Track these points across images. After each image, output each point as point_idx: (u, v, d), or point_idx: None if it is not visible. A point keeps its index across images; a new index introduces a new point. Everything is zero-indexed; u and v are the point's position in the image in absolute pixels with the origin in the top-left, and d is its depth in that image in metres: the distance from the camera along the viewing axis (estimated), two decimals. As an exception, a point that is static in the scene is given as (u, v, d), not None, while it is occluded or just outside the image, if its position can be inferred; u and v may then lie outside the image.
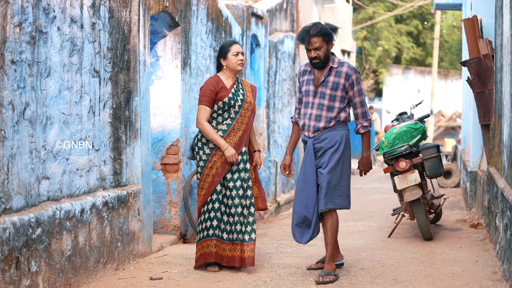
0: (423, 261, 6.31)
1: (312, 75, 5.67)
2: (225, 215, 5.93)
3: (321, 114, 5.59)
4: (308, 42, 5.53)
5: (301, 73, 5.76)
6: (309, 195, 5.57)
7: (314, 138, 5.61)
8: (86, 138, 5.48)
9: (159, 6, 6.86)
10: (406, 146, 7.30)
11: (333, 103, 5.58)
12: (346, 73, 5.58)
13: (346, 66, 5.59)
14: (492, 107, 7.67)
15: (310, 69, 5.69)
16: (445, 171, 12.30)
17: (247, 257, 5.88)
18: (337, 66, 5.59)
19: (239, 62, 5.96)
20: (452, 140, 20.06)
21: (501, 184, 6.12)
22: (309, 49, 5.55)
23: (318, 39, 5.53)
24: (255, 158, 6.12)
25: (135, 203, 6.25)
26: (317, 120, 5.59)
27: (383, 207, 9.92)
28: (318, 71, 5.65)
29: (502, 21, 6.73)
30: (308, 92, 5.66)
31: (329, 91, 5.58)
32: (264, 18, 11.33)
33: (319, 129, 5.59)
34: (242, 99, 5.99)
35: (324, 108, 5.58)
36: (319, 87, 5.60)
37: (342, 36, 19.79)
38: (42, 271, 4.72)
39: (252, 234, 5.90)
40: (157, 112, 7.55)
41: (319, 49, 5.54)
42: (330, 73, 5.60)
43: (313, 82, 5.64)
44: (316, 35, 5.53)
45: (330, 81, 5.58)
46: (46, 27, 4.87)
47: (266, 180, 11.42)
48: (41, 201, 4.84)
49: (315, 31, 5.53)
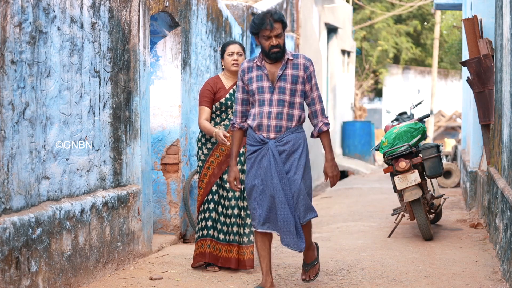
0: (423, 261, 6.31)
1: (264, 69, 4.99)
2: (222, 216, 5.93)
3: (282, 111, 4.96)
4: (271, 27, 4.84)
5: (246, 70, 5.05)
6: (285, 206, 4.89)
7: (276, 139, 4.96)
8: (86, 138, 5.48)
9: (159, 6, 6.86)
10: (406, 146, 7.30)
11: (294, 98, 4.99)
12: (304, 65, 4.99)
13: (302, 57, 5.02)
14: (492, 107, 7.67)
15: (259, 63, 5.00)
16: (445, 171, 12.30)
17: (247, 259, 5.89)
18: (293, 58, 5.00)
19: (233, 63, 5.96)
20: (452, 140, 20.07)
21: (501, 184, 6.12)
22: (270, 37, 4.87)
23: (279, 25, 4.88)
24: None
25: (135, 203, 6.25)
26: (278, 119, 4.96)
27: (383, 207, 9.92)
28: (271, 64, 5.00)
29: (502, 21, 6.73)
30: (262, 89, 4.98)
31: (289, 85, 4.96)
32: (264, 18, 11.31)
33: (281, 129, 4.97)
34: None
35: (286, 105, 4.96)
36: (277, 81, 4.96)
37: (342, 36, 19.78)
38: (42, 271, 4.72)
39: (250, 236, 5.90)
40: (157, 112, 7.55)
41: (280, 36, 4.89)
42: (287, 66, 4.98)
43: (267, 77, 4.98)
44: (277, 20, 4.88)
45: (289, 74, 4.97)
46: (46, 27, 4.87)
47: (266, 180, 11.42)
48: (41, 201, 4.84)
49: (277, 16, 4.89)
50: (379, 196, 11.44)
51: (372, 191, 12.42)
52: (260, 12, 5.42)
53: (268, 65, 5.00)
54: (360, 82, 27.84)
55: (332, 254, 6.67)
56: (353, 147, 19.97)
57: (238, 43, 6.04)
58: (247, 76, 5.04)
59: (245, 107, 5.10)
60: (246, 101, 5.10)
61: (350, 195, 12.08)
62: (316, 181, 15.84)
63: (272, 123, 4.96)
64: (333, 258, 6.49)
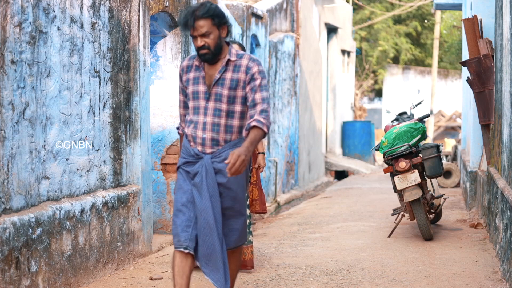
0: (423, 261, 6.31)
1: (202, 71, 4.26)
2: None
3: (219, 123, 4.19)
4: (192, 26, 4.15)
5: (185, 69, 4.33)
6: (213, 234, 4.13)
7: (213, 154, 4.20)
8: (86, 138, 5.48)
9: (159, 6, 6.86)
10: (406, 146, 7.30)
11: (233, 107, 4.20)
12: (247, 66, 4.20)
13: (246, 58, 4.23)
14: (492, 107, 7.67)
15: (198, 63, 4.27)
16: (445, 171, 12.30)
17: (248, 260, 5.89)
18: (236, 59, 4.23)
19: None
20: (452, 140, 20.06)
21: (501, 184, 6.12)
22: (195, 36, 4.16)
23: (206, 22, 4.13)
24: (258, 160, 6.08)
25: (135, 203, 6.24)
26: (214, 131, 4.19)
27: (383, 207, 9.92)
28: (210, 66, 4.25)
29: (502, 21, 6.73)
30: (197, 94, 4.23)
31: (227, 92, 4.19)
32: (264, 18, 11.32)
33: (218, 143, 4.20)
34: None
35: (223, 114, 4.19)
36: (214, 87, 4.20)
37: (342, 36, 19.78)
38: (42, 271, 4.72)
39: (250, 236, 5.89)
40: (157, 112, 7.55)
41: (207, 35, 4.14)
42: (227, 68, 4.22)
43: (204, 80, 4.24)
44: (202, 17, 4.13)
45: (228, 78, 4.20)
46: (46, 27, 4.87)
47: (266, 180, 11.42)
48: (41, 201, 4.84)
49: (201, 12, 4.14)
50: (379, 196, 11.44)
51: (372, 191, 12.41)
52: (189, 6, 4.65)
53: (208, 66, 4.26)
54: (360, 82, 27.84)
55: (332, 254, 6.67)
56: (353, 147, 19.96)
57: (237, 43, 6.02)
58: (185, 77, 4.33)
59: (187, 110, 4.39)
60: (187, 104, 4.39)
61: (350, 195, 12.08)
62: (315, 181, 15.84)
63: (207, 135, 4.20)
64: (333, 258, 6.49)
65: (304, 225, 8.73)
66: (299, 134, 14.11)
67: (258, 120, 4.13)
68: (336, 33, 19.20)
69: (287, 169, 13.17)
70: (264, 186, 11.14)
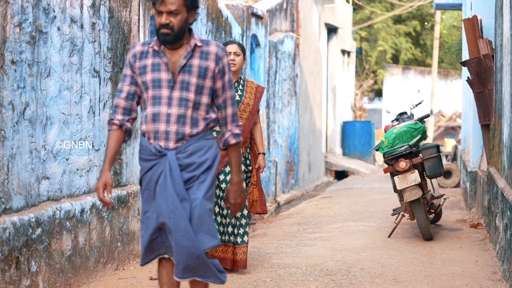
0: (423, 261, 6.31)
1: (164, 57, 3.75)
2: (218, 216, 5.92)
3: (185, 114, 3.73)
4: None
5: (138, 56, 3.79)
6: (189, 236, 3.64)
7: (177, 150, 3.73)
8: (86, 138, 5.48)
9: (159, 6, 6.86)
10: (406, 146, 7.30)
11: (201, 98, 3.76)
12: (216, 54, 3.79)
13: (214, 45, 3.81)
14: (492, 107, 7.67)
15: (157, 48, 3.76)
16: (445, 171, 12.30)
17: (239, 260, 5.87)
18: (202, 45, 3.79)
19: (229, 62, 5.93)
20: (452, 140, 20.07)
21: (501, 184, 6.12)
22: (161, 12, 3.68)
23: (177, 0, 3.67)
24: (258, 161, 6.07)
25: (135, 203, 6.25)
26: (180, 123, 3.73)
27: (383, 207, 9.92)
28: (173, 51, 3.77)
29: (502, 21, 6.73)
30: (159, 82, 3.74)
31: (195, 79, 3.74)
32: (264, 18, 11.33)
33: (184, 136, 3.73)
34: (238, 100, 5.95)
35: (189, 105, 3.73)
36: (180, 74, 3.74)
37: (342, 36, 19.79)
38: (42, 271, 4.72)
39: (244, 236, 5.89)
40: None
41: (175, 14, 3.67)
42: (194, 54, 3.76)
43: (167, 67, 3.75)
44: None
45: (196, 65, 3.75)
46: (46, 27, 4.88)
47: (266, 180, 11.43)
48: (41, 201, 4.84)
49: None
50: (379, 196, 11.44)
51: (372, 191, 12.42)
52: None
53: (169, 52, 3.77)
54: (360, 82, 27.85)
55: (332, 254, 6.67)
56: (353, 147, 19.96)
57: (236, 43, 6.02)
58: (140, 64, 3.78)
59: (130, 103, 3.82)
60: (132, 96, 3.82)
61: (350, 195, 12.08)
62: (315, 181, 15.84)
63: (171, 128, 3.73)
64: (333, 258, 6.49)
65: (304, 225, 8.73)
66: (299, 134, 14.11)
67: (235, 134, 3.83)
68: (336, 33, 19.21)
69: (287, 169, 13.18)
70: (264, 186, 11.15)
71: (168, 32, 3.68)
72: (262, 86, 6.16)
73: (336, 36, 19.26)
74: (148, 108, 3.75)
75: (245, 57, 6.03)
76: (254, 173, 6.08)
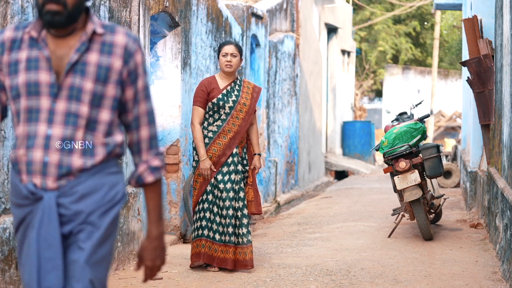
0: (423, 261, 6.31)
1: (45, 48, 2.50)
2: (217, 216, 5.92)
3: (73, 137, 2.46)
4: None
5: (8, 45, 2.55)
6: None
7: (60, 191, 2.46)
8: (86, 138, 5.47)
9: (159, 6, 6.86)
10: (406, 146, 7.30)
11: (98, 113, 2.49)
12: (125, 48, 2.50)
13: (122, 34, 2.52)
14: (492, 107, 7.67)
15: (36, 34, 2.54)
16: (445, 171, 12.29)
17: (248, 259, 5.90)
18: (105, 32, 2.51)
19: (226, 64, 5.95)
20: (452, 140, 20.07)
21: (501, 184, 6.12)
22: None
23: None
24: (254, 161, 6.09)
25: (135, 203, 6.25)
26: (65, 151, 2.46)
27: (383, 207, 9.92)
28: (60, 40, 2.51)
29: (502, 21, 6.73)
30: (35, 88, 2.47)
31: (92, 85, 2.47)
32: (264, 18, 11.33)
33: (70, 171, 2.46)
34: (234, 100, 5.96)
35: (81, 124, 2.47)
36: (68, 75, 2.47)
37: (342, 36, 19.79)
38: (42, 271, 4.72)
39: (248, 236, 5.90)
40: (157, 112, 7.55)
41: None
42: (92, 46, 2.49)
43: (49, 64, 2.48)
44: None
45: (92, 63, 2.48)
46: (46, 27, 4.87)
47: (266, 180, 11.43)
48: (41, 201, 4.83)
49: None
50: (379, 196, 11.44)
51: (372, 191, 12.41)
52: None
53: (54, 40, 2.52)
54: (360, 82, 27.85)
55: (332, 254, 6.67)
56: (353, 147, 19.96)
57: (233, 44, 6.02)
58: (9, 58, 2.53)
59: None
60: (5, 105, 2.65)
61: (350, 195, 12.08)
62: (315, 181, 15.84)
63: (52, 158, 2.45)
64: (333, 258, 6.49)
65: (304, 225, 8.73)
66: (299, 134, 14.11)
67: (153, 168, 2.58)
68: (336, 33, 19.21)
69: (287, 169, 13.18)
70: (264, 186, 11.15)
71: (59, 9, 2.48)
72: (259, 87, 6.18)
73: (336, 36, 19.26)
74: (20, 127, 2.51)
75: (241, 58, 6.03)
76: (249, 174, 6.08)
